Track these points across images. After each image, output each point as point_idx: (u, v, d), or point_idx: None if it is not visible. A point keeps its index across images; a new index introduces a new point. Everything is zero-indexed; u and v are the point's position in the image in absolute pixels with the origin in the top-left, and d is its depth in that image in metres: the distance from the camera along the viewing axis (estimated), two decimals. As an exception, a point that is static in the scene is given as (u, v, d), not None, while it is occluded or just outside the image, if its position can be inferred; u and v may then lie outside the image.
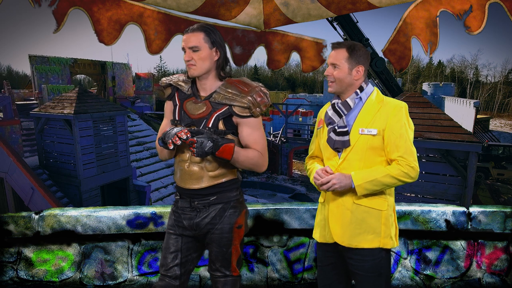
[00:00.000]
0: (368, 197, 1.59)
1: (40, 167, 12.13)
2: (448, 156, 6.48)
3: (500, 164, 17.25)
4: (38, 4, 2.13)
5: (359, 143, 1.58)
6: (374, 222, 1.59)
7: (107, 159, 12.23)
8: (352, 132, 1.59)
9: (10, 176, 10.53)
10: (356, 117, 1.62)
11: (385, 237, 1.60)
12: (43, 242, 2.64)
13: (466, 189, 6.37)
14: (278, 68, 3.41)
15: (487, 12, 2.31)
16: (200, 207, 1.69)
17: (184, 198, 1.72)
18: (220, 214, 1.69)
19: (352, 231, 1.59)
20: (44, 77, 19.53)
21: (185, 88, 1.71)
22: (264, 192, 19.06)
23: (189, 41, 1.61)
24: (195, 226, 1.70)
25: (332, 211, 1.64)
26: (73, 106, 11.16)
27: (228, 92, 1.64)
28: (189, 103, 1.68)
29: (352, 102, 1.62)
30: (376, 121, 1.57)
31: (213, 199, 1.69)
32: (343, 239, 1.61)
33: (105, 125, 12.23)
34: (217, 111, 1.63)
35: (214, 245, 1.71)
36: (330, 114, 1.65)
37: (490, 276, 2.58)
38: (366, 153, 1.58)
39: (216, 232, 1.69)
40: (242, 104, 1.61)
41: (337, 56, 1.60)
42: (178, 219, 1.74)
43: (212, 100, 1.64)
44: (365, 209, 1.59)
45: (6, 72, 64.31)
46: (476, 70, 59.50)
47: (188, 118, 1.66)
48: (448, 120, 6.82)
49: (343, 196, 1.61)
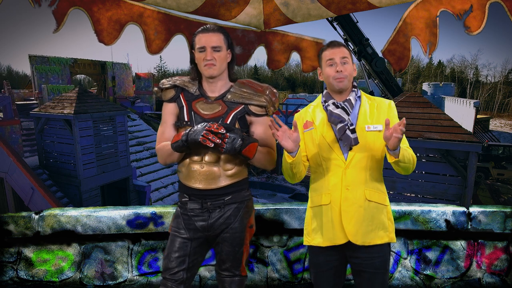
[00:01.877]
0: (376, 193, 1.61)
1: (40, 167, 12.14)
2: (448, 156, 6.48)
3: (500, 164, 17.25)
4: (38, 4, 2.13)
5: (367, 140, 1.59)
6: (383, 217, 1.62)
7: (107, 159, 12.24)
8: (358, 130, 1.59)
9: (10, 176, 10.54)
10: (357, 115, 1.63)
11: (392, 231, 1.64)
12: (43, 242, 2.64)
13: (466, 189, 6.37)
14: (278, 68, 3.41)
15: (487, 12, 2.31)
16: (212, 208, 1.67)
17: (194, 199, 1.68)
18: (235, 214, 1.70)
19: (365, 228, 1.60)
20: (44, 77, 19.53)
21: (192, 89, 1.68)
22: (264, 192, 19.06)
23: (212, 41, 1.61)
24: (209, 228, 1.68)
25: (345, 210, 1.61)
26: (73, 106, 11.16)
27: (244, 91, 1.68)
28: (200, 103, 1.66)
29: (354, 101, 1.64)
30: (377, 118, 1.61)
31: (228, 199, 1.68)
32: (357, 238, 1.59)
33: (105, 125, 12.24)
34: (234, 110, 1.65)
35: (226, 244, 1.70)
36: (338, 112, 1.61)
37: (490, 276, 2.58)
38: (373, 150, 1.60)
39: (230, 232, 1.69)
40: (260, 102, 1.66)
41: (343, 52, 1.61)
42: (189, 222, 1.69)
43: (226, 100, 1.66)
44: (375, 205, 1.61)
45: (6, 72, 64.32)
46: (476, 70, 59.55)
47: (201, 118, 1.63)
48: (448, 120, 6.82)
49: (355, 194, 1.60)
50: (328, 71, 1.62)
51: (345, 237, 1.61)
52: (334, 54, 1.61)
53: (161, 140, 1.73)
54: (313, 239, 1.70)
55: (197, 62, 1.65)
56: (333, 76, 1.61)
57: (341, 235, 1.61)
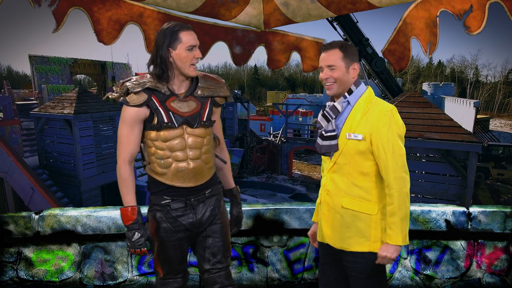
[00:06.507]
0: (357, 202, 1.58)
1: (40, 167, 12.12)
2: (448, 156, 6.48)
3: (500, 164, 17.23)
4: (38, 4, 2.13)
5: (347, 148, 1.57)
6: (363, 226, 1.58)
7: (107, 159, 12.23)
8: (341, 136, 1.59)
9: (10, 176, 10.52)
10: (344, 121, 1.60)
11: (375, 241, 1.58)
12: (43, 242, 2.64)
13: (466, 189, 6.37)
14: (278, 68, 3.41)
15: (487, 12, 2.30)
16: (195, 204, 1.68)
17: (177, 198, 1.66)
18: (217, 205, 1.75)
19: (342, 234, 1.61)
20: (44, 77, 19.52)
21: (162, 89, 1.61)
22: (264, 192, 19.04)
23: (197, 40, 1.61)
24: (198, 224, 1.69)
25: (324, 213, 1.68)
26: (73, 106, 11.15)
27: (209, 84, 1.72)
28: (174, 102, 1.62)
29: (340, 106, 1.61)
30: (361, 126, 1.55)
31: (208, 192, 1.73)
32: (335, 241, 1.65)
33: (105, 125, 12.23)
34: (206, 104, 1.69)
35: (216, 235, 1.72)
36: (319, 119, 1.67)
37: (490, 276, 2.58)
38: (354, 158, 1.57)
39: (217, 222, 1.73)
40: (225, 94, 1.75)
41: (331, 57, 1.57)
42: (176, 223, 1.66)
43: (197, 95, 1.67)
44: (354, 213, 1.59)
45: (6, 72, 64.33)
46: (476, 70, 59.52)
47: (180, 117, 1.61)
48: (448, 120, 6.82)
49: (333, 199, 1.63)
50: (321, 76, 1.64)
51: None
52: (322, 60, 1.60)
53: (127, 147, 1.60)
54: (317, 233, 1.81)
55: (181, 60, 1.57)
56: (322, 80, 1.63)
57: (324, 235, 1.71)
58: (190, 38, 1.57)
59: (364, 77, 16.41)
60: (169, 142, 1.62)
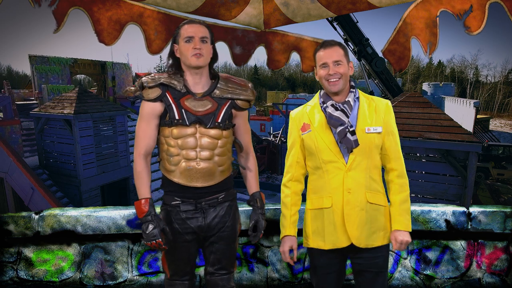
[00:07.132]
0: (376, 195, 1.61)
1: (40, 167, 12.13)
2: (448, 156, 6.48)
3: (500, 164, 17.23)
4: (38, 4, 2.13)
5: (366, 142, 1.58)
6: (382, 219, 1.62)
7: (107, 159, 12.24)
8: (358, 131, 1.58)
9: (10, 176, 10.53)
10: (356, 116, 1.61)
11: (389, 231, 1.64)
12: (43, 242, 2.64)
13: (466, 189, 6.37)
14: (278, 68, 3.41)
15: (487, 12, 2.31)
16: (206, 208, 1.66)
17: (187, 200, 1.65)
18: (228, 212, 1.72)
19: (368, 231, 1.59)
20: (44, 77, 19.52)
21: (178, 87, 1.63)
22: (264, 192, 18.82)
23: (200, 31, 1.60)
24: (206, 228, 1.68)
25: (348, 213, 1.59)
26: (73, 106, 11.16)
27: (230, 86, 1.69)
28: (189, 100, 1.63)
29: (353, 102, 1.62)
30: (377, 119, 1.60)
31: (222, 197, 1.70)
32: (360, 241, 1.59)
33: (105, 125, 12.24)
34: (224, 105, 1.66)
35: (222, 243, 1.71)
36: (338, 115, 1.58)
37: (490, 276, 2.58)
38: (372, 152, 1.59)
39: (226, 230, 1.71)
40: (247, 97, 1.71)
41: (336, 53, 1.58)
42: (184, 225, 1.66)
43: (215, 96, 1.65)
44: (376, 207, 1.61)
45: (6, 72, 64.28)
46: (476, 70, 59.50)
47: (193, 115, 1.61)
48: (448, 120, 6.82)
49: (356, 197, 1.59)
50: (322, 72, 1.61)
51: (348, 240, 1.60)
52: (327, 57, 1.58)
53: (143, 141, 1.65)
54: (314, 242, 1.69)
55: (183, 53, 1.60)
56: (325, 77, 1.59)
57: (344, 238, 1.60)
58: (188, 31, 1.59)
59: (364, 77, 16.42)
60: (180, 140, 1.61)
